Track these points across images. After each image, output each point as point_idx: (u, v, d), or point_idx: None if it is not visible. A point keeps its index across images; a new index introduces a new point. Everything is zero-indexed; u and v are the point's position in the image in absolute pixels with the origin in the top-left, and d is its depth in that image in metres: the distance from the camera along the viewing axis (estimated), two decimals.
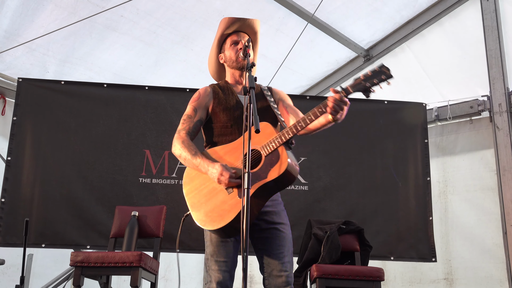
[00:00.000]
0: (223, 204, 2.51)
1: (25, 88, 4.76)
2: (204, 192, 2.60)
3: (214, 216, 2.51)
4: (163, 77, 5.70)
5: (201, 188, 2.62)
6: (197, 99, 2.83)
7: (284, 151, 2.45)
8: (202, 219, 2.55)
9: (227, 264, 2.55)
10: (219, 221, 2.49)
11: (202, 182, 2.62)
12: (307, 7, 5.34)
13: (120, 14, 4.91)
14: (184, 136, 2.71)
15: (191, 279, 6.04)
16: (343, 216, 4.65)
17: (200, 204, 2.59)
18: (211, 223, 2.51)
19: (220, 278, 2.52)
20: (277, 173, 2.43)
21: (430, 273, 5.21)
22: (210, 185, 2.58)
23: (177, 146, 2.69)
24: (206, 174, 2.59)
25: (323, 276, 3.75)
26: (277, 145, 2.45)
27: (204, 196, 2.59)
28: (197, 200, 2.61)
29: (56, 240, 4.50)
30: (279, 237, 2.61)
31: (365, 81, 2.35)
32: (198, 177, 2.64)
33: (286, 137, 2.44)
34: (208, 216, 2.54)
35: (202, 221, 2.54)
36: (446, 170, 5.40)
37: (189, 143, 2.68)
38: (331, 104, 2.38)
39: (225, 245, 2.57)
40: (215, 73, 3.03)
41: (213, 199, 2.56)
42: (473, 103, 5.31)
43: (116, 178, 4.67)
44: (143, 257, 3.52)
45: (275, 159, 2.45)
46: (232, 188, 2.52)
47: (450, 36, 5.67)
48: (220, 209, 2.51)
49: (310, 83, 6.46)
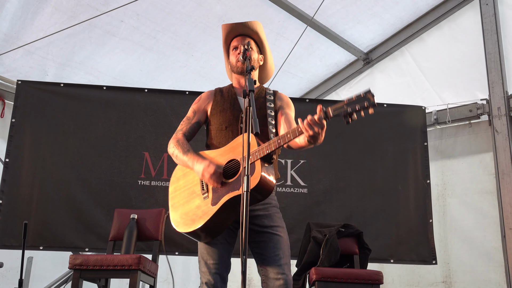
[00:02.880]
0: (197, 209, 2.54)
1: (24, 90, 4.76)
2: (184, 194, 2.64)
3: (187, 220, 2.55)
4: (163, 83, 5.70)
5: (183, 189, 2.66)
6: (197, 102, 2.87)
7: (259, 166, 2.42)
8: (176, 220, 2.60)
9: (217, 267, 2.55)
10: (190, 225, 2.52)
11: (185, 184, 2.66)
12: (306, 10, 5.35)
13: (120, 19, 4.92)
14: (180, 136, 2.76)
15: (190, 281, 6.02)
16: (342, 219, 4.65)
17: (179, 205, 2.63)
18: (183, 226, 2.55)
19: (210, 281, 2.53)
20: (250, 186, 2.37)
21: (428, 276, 5.20)
22: (191, 188, 2.62)
23: (171, 145, 2.75)
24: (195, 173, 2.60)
25: (322, 279, 3.75)
26: (254, 159, 2.44)
27: (183, 198, 2.63)
28: (176, 201, 2.66)
29: (54, 243, 4.50)
30: (273, 240, 2.59)
31: (348, 106, 2.31)
32: (183, 178, 2.69)
33: (264, 153, 2.42)
34: (182, 218, 2.58)
35: (176, 222, 2.59)
36: (445, 174, 5.39)
37: (183, 142, 2.73)
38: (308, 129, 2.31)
39: (215, 247, 2.58)
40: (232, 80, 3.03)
41: (189, 203, 2.59)
42: (472, 107, 5.32)
43: (115, 181, 4.67)
44: (142, 260, 3.51)
45: (250, 173, 2.42)
46: (208, 195, 2.53)
47: (450, 40, 5.68)
48: (193, 214, 2.54)
49: (310, 86, 6.47)
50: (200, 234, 2.52)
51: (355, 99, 2.31)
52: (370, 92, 2.31)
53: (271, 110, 2.78)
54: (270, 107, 2.78)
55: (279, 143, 2.42)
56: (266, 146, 2.44)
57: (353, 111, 2.31)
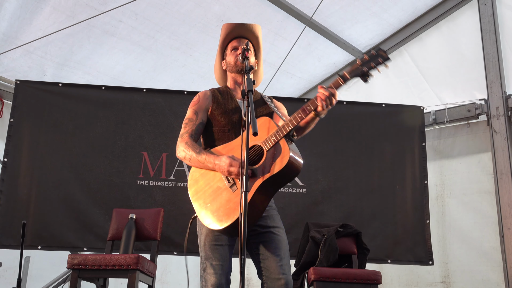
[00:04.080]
0: (228, 202, 2.51)
1: (23, 90, 4.76)
2: (209, 193, 2.60)
3: (220, 215, 2.51)
4: (162, 82, 5.70)
5: (206, 188, 2.62)
6: (197, 102, 2.84)
7: (286, 144, 2.45)
8: (208, 219, 2.55)
9: (223, 268, 2.54)
10: (226, 220, 2.49)
11: (206, 183, 2.63)
12: (305, 10, 5.35)
13: (118, 19, 4.92)
14: (187, 139, 2.72)
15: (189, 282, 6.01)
16: (340, 219, 4.65)
17: (206, 204, 2.59)
18: (217, 223, 2.51)
19: (216, 282, 2.51)
20: (280, 166, 2.42)
21: (427, 276, 5.21)
22: (215, 184, 2.59)
23: (181, 148, 2.70)
24: (212, 171, 2.59)
25: (320, 279, 3.75)
26: (278, 138, 2.46)
27: (209, 196, 2.59)
28: (202, 201, 2.61)
29: (52, 242, 4.49)
30: (275, 240, 2.61)
31: (362, 66, 2.38)
32: (202, 178, 2.65)
33: (286, 130, 2.45)
34: (214, 216, 2.53)
35: (208, 221, 2.55)
36: (444, 174, 5.40)
37: (192, 143, 2.70)
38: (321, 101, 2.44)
39: (219, 248, 2.57)
40: (220, 80, 3.03)
41: (218, 199, 2.56)
42: (471, 107, 5.32)
43: (113, 180, 4.67)
44: (140, 260, 3.51)
45: (277, 153, 2.45)
46: (236, 186, 2.52)
47: (448, 40, 5.69)
48: (225, 208, 2.51)
49: (308, 86, 6.47)
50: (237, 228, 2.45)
51: (368, 58, 2.39)
52: (381, 49, 2.39)
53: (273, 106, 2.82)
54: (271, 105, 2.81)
55: (300, 116, 2.47)
56: (287, 124, 2.46)
57: (369, 69, 2.38)
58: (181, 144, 2.70)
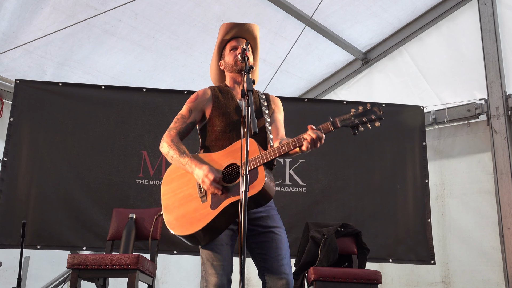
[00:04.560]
0: (195, 212, 2.51)
1: (23, 89, 4.76)
2: (180, 196, 2.60)
3: (184, 222, 2.52)
4: (162, 82, 5.70)
5: (178, 191, 2.62)
6: (194, 101, 2.82)
7: (263, 171, 2.43)
8: (172, 222, 2.56)
9: (224, 268, 2.53)
10: (188, 228, 2.49)
11: (179, 186, 2.62)
12: (305, 10, 5.35)
13: (118, 18, 4.91)
14: (174, 135, 2.72)
15: (188, 282, 6.02)
16: (341, 218, 4.65)
17: (174, 207, 2.59)
18: (179, 228, 2.52)
19: (218, 282, 2.50)
20: (251, 192, 2.39)
21: (427, 276, 5.20)
22: (187, 190, 2.59)
23: (165, 144, 2.70)
24: (188, 176, 2.58)
25: (320, 279, 3.75)
26: (257, 164, 2.44)
27: (179, 200, 2.59)
28: (171, 203, 2.61)
29: (52, 242, 4.49)
30: (276, 240, 2.60)
31: (355, 118, 2.39)
32: (178, 179, 2.64)
33: (267, 158, 2.44)
34: (178, 221, 2.54)
35: (171, 225, 2.55)
36: (444, 173, 5.40)
37: (177, 142, 2.69)
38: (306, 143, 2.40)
39: (221, 248, 2.56)
40: (216, 80, 3.02)
41: (186, 205, 2.56)
42: (471, 107, 5.32)
43: (113, 180, 4.67)
44: (140, 260, 3.51)
45: (253, 178, 2.43)
46: (206, 197, 2.51)
47: (448, 40, 5.68)
48: (191, 216, 2.51)
49: (308, 86, 6.47)
50: (197, 237, 2.50)
51: (362, 111, 2.40)
52: (376, 105, 2.42)
53: (267, 116, 2.79)
54: (266, 113, 2.79)
55: (283, 149, 2.45)
56: (269, 152, 2.45)
57: (360, 123, 2.39)
58: (167, 139, 2.71)
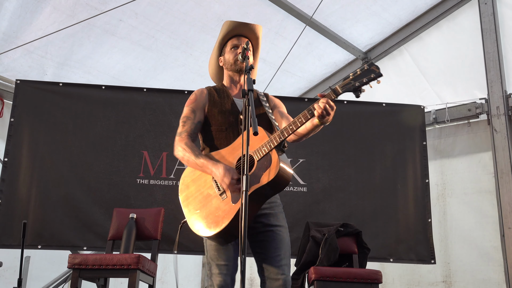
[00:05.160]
0: (217, 210, 2.51)
1: (23, 89, 4.76)
2: (199, 199, 2.60)
3: (209, 223, 2.51)
4: (162, 82, 5.70)
5: (196, 194, 2.62)
6: (194, 101, 2.82)
7: (276, 155, 2.43)
8: (197, 226, 2.55)
9: (228, 268, 2.54)
10: (214, 227, 2.48)
11: (197, 189, 2.62)
12: (305, 10, 5.35)
13: (119, 18, 4.91)
14: (186, 138, 2.70)
15: (189, 281, 6.02)
16: (342, 217, 4.65)
17: (195, 210, 2.59)
18: (206, 230, 2.51)
19: (222, 282, 2.50)
20: (269, 177, 2.41)
21: (428, 275, 5.20)
22: (205, 191, 2.59)
23: (179, 148, 2.68)
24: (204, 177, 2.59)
25: (321, 279, 3.74)
26: (268, 149, 2.43)
27: (199, 203, 2.59)
28: (192, 207, 2.61)
29: (52, 242, 4.49)
30: (276, 239, 2.59)
31: (355, 80, 2.35)
32: (193, 183, 2.65)
33: (277, 141, 2.43)
34: (203, 223, 2.53)
35: (197, 228, 2.55)
36: (445, 173, 5.40)
37: (191, 144, 2.68)
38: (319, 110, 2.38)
39: (225, 248, 2.56)
40: (214, 76, 3.02)
41: (207, 206, 2.55)
42: (471, 106, 5.32)
43: (113, 180, 4.67)
44: (141, 259, 3.51)
45: (267, 163, 2.43)
46: (225, 194, 2.51)
47: (448, 39, 5.68)
48: (214, 215, 2.51)
49: (309, 85, 6.47)
50: (225, 234, 2.48)
51: (360, 72, 2.36)
52: (374, 63, 2.36)
53: (268, 107, 2.79)
54: (266, 106, 2.79)
55: (291, 128, 2.43)
56: (279, 134, 2.44)
57: (361, 85, 2.35)
58: (180, 143, 2.69)
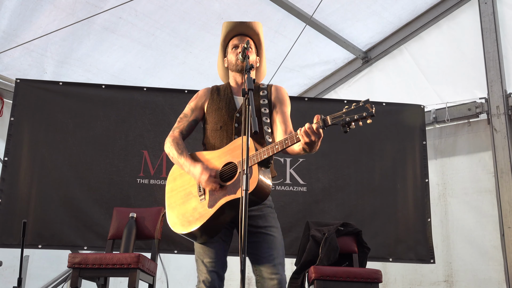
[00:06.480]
0: (194, 211, 2.55)
1: (23, 88, 4.75)
2: (181, 195, 2.64)
3: (183, 221, 2.56)
4: (162, 80, 5.69)
5: (179, 190, 2.66)
6: (195, 99, 2.88)
7: (256, 170, 2.42)
8: (173, 220, 2.61)
9: (214, 265, 2.56)
10: (186, 226, 2.53)
11: (181, 184, 2.66)
12: (305, 9, 5.34)
13: (118, 16, 4.90)
14: (176, 135, 2.77)
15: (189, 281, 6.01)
16: (341, 217, 4.65)
17: (175, 205, 2.64)
18: (179, 227, 2.57)
19: (208, 279, 2.53)
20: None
21: (430, 275, 5.20)
22: (188, 188, 2.62)
23: (168, 144, 2.76)
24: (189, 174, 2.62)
25: (321, 278, 3.74)
26: (251, 163, 2.44)
27: (180, 199, 2.63)
28: (173, 201, 2.66)
29: (53, 241, 4.49)
30: (267, 240, 2.59)
31: (346, 115, 2.32)
32: (180, 178, 2.68)
33: (261, 157, 2.42)
34: (178, 219, 2.59)
35: (172, 223, 2.60)
36: (445, 173, 5.40)
37: (178, 142, 2.73)
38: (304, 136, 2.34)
39: (211, 246, 2.59)
40: (224, 77, 3.03)
41: (186, 204, 2.60)
42: (471, 106, 5.32)
43: (113, 179, 4.67)
44: (141, 259, 3.50)
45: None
46: (205, 196, 2.53)
47: (448, 39, 5.68)
48: (189, 215, 2.55)
49: (309, 84, 6.46)
50: (196, 235, 2.55)
51: (354, 108, 2.33)
52: (369, 102, 2.33)
53: (265, 108, 2.76)
54: (264, 104, 2.77)
55: (276, 148, 2.43)
56: (263, 151, 2.44)
57: (351, 121, 2.33)
58: (169, 139, 2.76)
